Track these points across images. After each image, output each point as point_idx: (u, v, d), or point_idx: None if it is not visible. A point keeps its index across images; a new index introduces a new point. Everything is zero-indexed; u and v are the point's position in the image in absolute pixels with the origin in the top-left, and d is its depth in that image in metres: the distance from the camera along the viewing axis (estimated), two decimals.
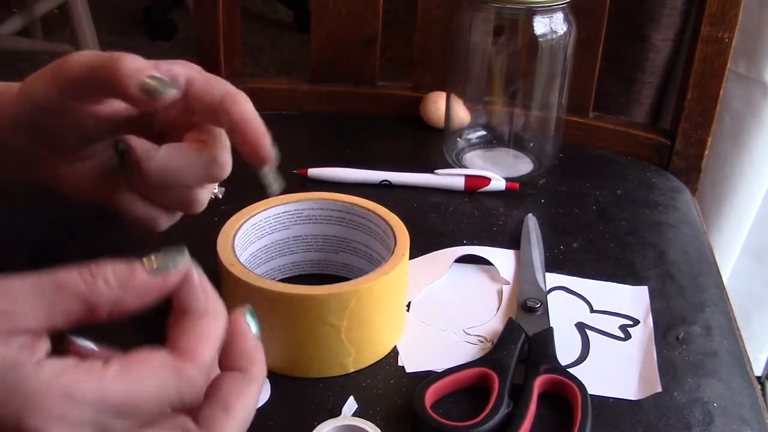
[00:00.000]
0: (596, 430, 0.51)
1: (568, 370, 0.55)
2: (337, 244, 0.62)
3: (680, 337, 0.59)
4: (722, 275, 0.69)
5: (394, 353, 0.57)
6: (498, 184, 0.74)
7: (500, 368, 0.54)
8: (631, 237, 0.70)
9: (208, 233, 0.57)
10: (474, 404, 0.52)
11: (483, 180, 0.74)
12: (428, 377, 0.53)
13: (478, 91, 0.79)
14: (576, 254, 0.67)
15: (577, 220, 0.72)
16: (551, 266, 0.65)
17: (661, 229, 0.72)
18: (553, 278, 0.64)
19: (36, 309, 0.33)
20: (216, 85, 0.48)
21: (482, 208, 0.73)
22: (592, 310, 0.62)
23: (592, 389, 0.53)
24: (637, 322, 0.61)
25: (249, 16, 2.58)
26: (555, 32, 0.72)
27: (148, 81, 0.46)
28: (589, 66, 0.80)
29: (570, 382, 0.53)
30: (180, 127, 0.51)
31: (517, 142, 0.80)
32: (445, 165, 0.77)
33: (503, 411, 0.51)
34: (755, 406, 0.55)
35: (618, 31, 0.93)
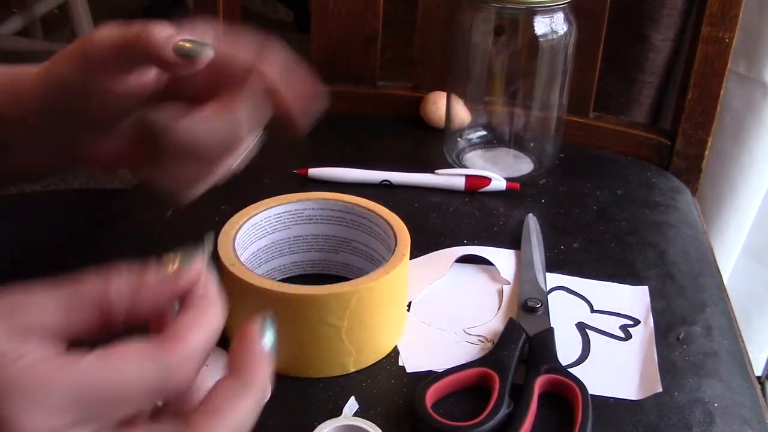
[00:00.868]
0: (597, 430, 0.51)
1: (569, 370, 0.55)
2: (338, 244, 0.62)
3: (681, 337, 0.59)
4: (722, 275, 0.69)
5: (395, 353, 0.57)
6: (498, 184, 0.74)
7: (501, 368, 0.54)
8: (631, 237, 0.70)
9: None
10: (474, 404, 0.52)
11: (483, 180, 0.74)
12: (429, 377, 0.53)
13: (478, 91, 0.79)
14: (576, 254, 0.67)
15: (577, 220, 0.72)
16: (552, 266, 0.65)
17: (662, 229, 0.72)
18: (554, 278, 0.64)
19: (51, 312, 0.34)
20: (244, 45, 0.48)
21: (483, 208, 0.72)
22: (593, 310, 0.62)
23: (592, 389, 0.53)
24: (637, 322, 0.61)
25: (249, 16, 2.58)
26: (555, 32, 0.72)
27: (183, 44, 0.46)
28: (589, 66, 0.80)
29: (570, 382, 0.53)
30: (208, 91, 0.51)
31: (517, 142, 0.80)
32: (446, 165, 0.77)
33: (504, 411, 0.51)
34: (756, 406, 0.55)
35: (618, 31, 0.93)
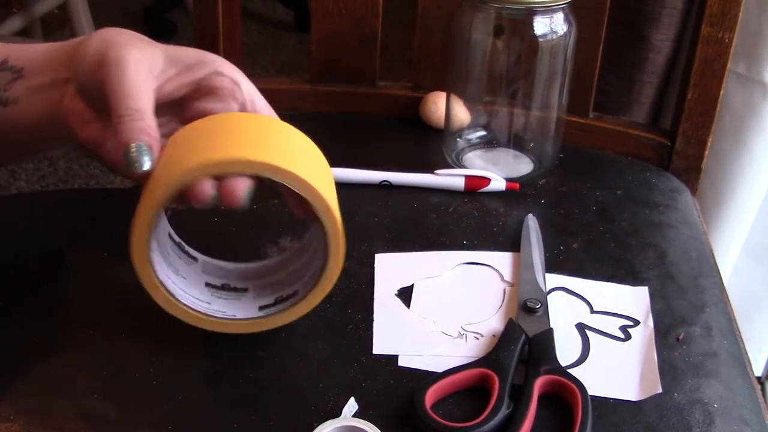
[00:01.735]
0: (596, 430, 0.51)
1: (569, 370, 0.55)
2: None
3: (680, 337, 0.59)
4: (722, 275, 0.69)
5: (395, 354, 0.57)
6: (498, 184, 0.74)
7: (500, 369, 0.54)
8: (631, 237, 0.70)
9: (209, 234, 0.57)
10: (474, 405, 0.52)
11: (483, 180, 0.74)
12: (428, 378, 0.53)
13: (478, 91, 0.79)
14: (576, 255, 0.67)
15: (577, 221, 0.72)
16: (551, 267, 0.65)
17: (662, 229, 0.72)
18: (554, 279, 0.64)
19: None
20: None
21: (482, 209, 0.72)
22: (593, 311, 0.62)
23: (592, 390, 0.53)
24: (637, 322, 0.61)
25: (249, 16, 2.58)
26: (555, 32, 0.72)
27: (130, 149, 0.48)
28: (589, 66, 0.80)
29: (570, 382, 0.53)
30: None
31: (517, 143, 0.80)
32: (445, 165, 0.77)
33: (503, 412, 0.51)
34: (755, 407, 0.55)
35: (618, 31, 0.93)
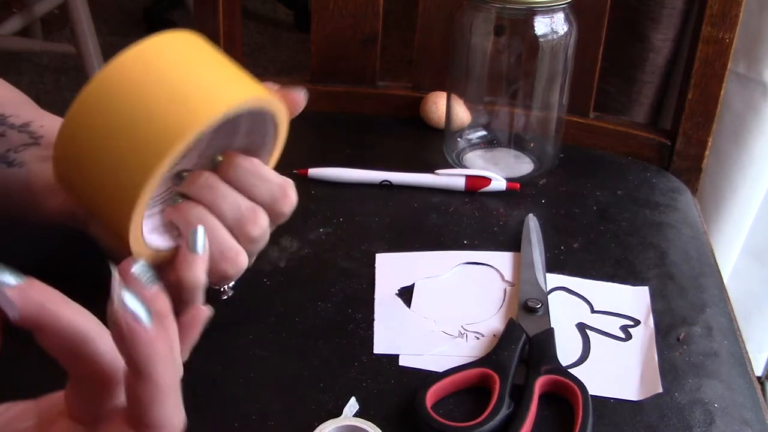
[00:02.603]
0: (597, 430, 0.51)
1: (569, 370, 0.55)
2: None
3: (681, 337, 0.59)
4: (722, 275, 0.69)
5: (395, 354, 0.57)
6: (498, 184, 0.74)
7: (501, 369, 0.54)
8: (631, 237, 0.70)
9: None
10: (475, 405, 0.52)
11: (483, 180, 0.74)
12: (429, 377, 0.53)
13: (478, 91, 0.79)
14: (577, 255, 0.67)
15: (577, 221, 0.72)
16: (552, 266, 0.65)
17: (662, 229, 0.72)
18: (554, 279, 0.64)
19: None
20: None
21: (483, 209, 0.72)
22: (593, 311, 0.62)
23: (592, 390, 0.53)
24: (637, 322, 0.61)
25: (249, 16, 2.58)
26: (555, 32, 0.72)
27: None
28: (589, 66, 0.80)
29: (571, 382, 0.53)
30: None
31: (517, 143, 0.80)
32: (446, 165, 0.77)
33: (504, 412, 0.51)
34: (756, 407, 0.55)
35: (618, 31, 0.93)
